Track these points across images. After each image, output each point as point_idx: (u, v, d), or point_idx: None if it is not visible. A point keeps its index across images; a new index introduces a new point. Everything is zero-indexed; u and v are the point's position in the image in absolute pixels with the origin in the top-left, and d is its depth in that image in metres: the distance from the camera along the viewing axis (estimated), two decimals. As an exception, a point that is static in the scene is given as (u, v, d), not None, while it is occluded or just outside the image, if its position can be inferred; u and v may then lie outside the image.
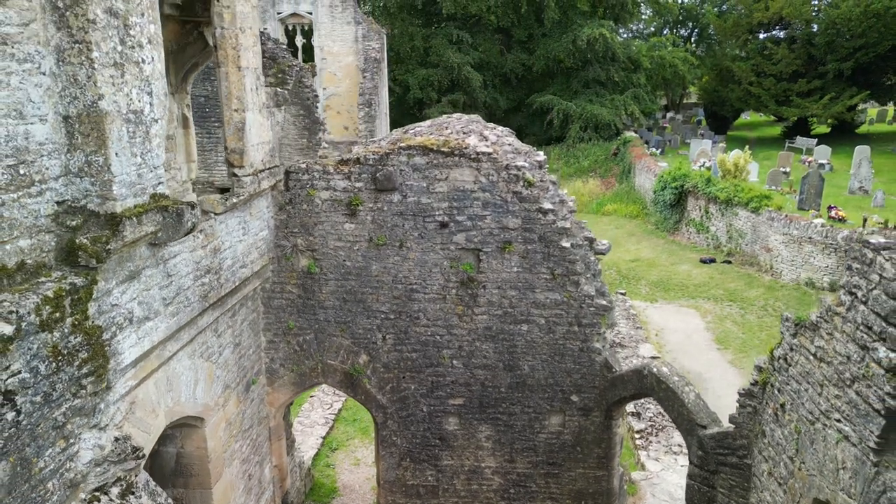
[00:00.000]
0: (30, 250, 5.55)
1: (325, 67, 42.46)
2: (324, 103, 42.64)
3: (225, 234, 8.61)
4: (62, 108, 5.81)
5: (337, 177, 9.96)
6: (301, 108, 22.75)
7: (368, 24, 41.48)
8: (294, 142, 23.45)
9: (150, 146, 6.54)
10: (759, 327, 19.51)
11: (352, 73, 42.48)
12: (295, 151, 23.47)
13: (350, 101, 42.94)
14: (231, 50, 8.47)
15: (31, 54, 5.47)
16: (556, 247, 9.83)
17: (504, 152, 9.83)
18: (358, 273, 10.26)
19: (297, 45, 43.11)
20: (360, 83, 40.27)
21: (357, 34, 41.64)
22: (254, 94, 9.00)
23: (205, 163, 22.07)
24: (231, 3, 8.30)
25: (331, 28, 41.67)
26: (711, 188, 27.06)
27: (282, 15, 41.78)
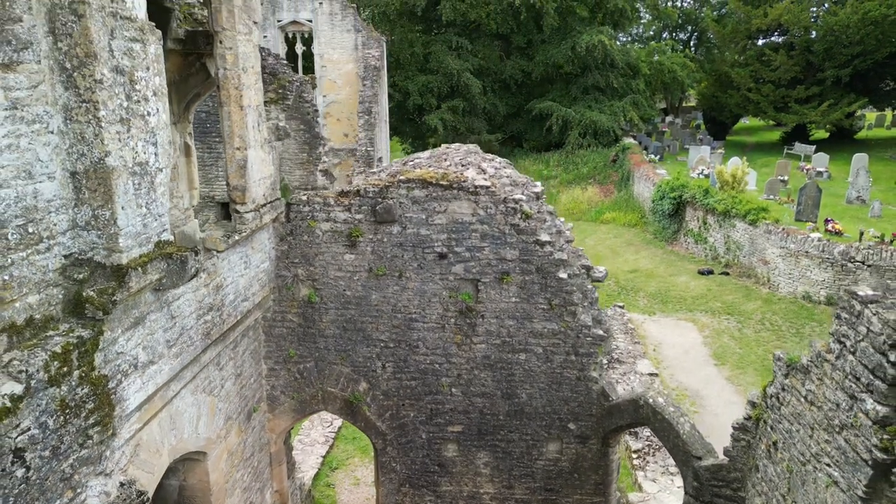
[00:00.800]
0: (38, 305, 5.68)
1: (325, 75, 42.61)
2: (324, 110, 42.84)
3: (227, 271, 8.76)
4: (69, 164, 5.95)
5: (337, 209, 10.11)
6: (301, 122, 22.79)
7: (368, 31, 41.62)
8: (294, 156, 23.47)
9: (154, 196, 6.68)
10: (756, 342, 19.65)
11: (352, 80, 42.62)
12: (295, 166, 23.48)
13: (350, 109, 43.10)
14: (234, 90, 8.61)
15: (40, 115, 5.61)
16: (554, 278, 9.97)
17: (502, 185, 9.97)
18: (358, 302, 10.40)
19: (297, 53, 43.30)
20: (360, 91, 40.41)
21: (357, 42, 41.79)
22: (255, 130, 9.15)
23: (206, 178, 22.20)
24: (233, 44, 8.44)
25: (331, 36, 41.82)
26: (709, 199, 27.21)
27: (282, 23, 41.94)
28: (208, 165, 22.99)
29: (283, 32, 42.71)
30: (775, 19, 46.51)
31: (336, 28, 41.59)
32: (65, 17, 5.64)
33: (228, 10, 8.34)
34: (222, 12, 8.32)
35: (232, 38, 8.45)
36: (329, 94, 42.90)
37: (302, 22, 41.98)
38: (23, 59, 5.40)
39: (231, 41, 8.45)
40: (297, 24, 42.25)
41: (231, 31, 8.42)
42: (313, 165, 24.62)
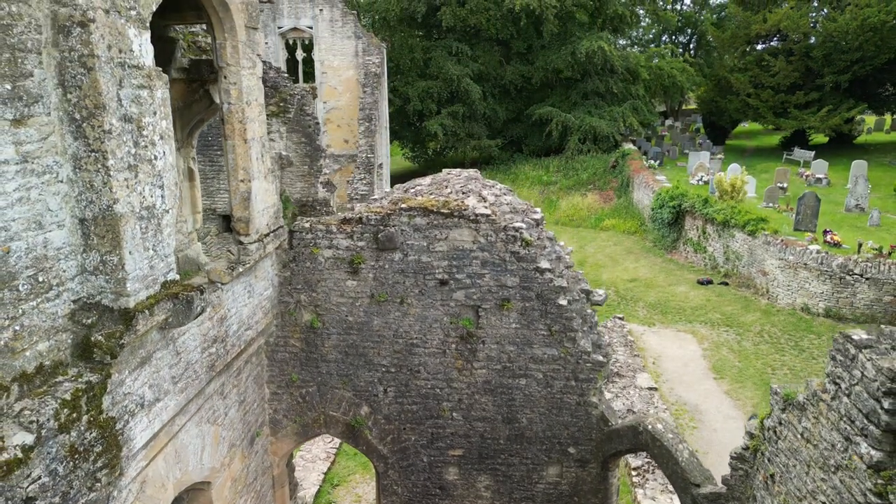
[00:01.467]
0: (48, 352, 5.79)
1: (326, 81, 42.73)
2: (324, 117, 42.98)
3: (231, 302, 8.86)
4: (78, 211, 6.06)
5: (340, 236, 10.22)
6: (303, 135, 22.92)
7: (368, 38, 41.71)
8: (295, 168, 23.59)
9: (161, 237, 6.79)
10: (755, 355, 19.76)
11: (352, 86, 42.73)
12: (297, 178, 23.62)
13: (350, 115, 43.20)
14: (238, 124, 8.72)
15: (50, 165, 5.72)
16: (554, 304, 10.07)
17: (502, 213, 10.08)
18: (360, 328, 10.51)
19: (298, 59, 43.42)
20: (361, 98, 40.52)
21: (357, 48, 41.90)
22: (259, 162, 9.25)
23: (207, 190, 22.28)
24: (237, 79, 8.55)
25: (331, 42, 41.93)
26: (708, 209, 27.31)
27: (282, 29, 42.06)
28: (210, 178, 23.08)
29: (284, 39, 42.85)
30: (775, 25, 46.62)
31: (336, 35, 41.71)
32: (74, 69, 5.75)
33: (233, 45, 8.44)
34: (227, 48, 8.42)
35: (236, 73, 8.56)
36: (329, 100, 43.02)
37: (302, 28, 42.11)
38: (33, 112, 5.51)
39: (235, 76, 8.56)
40: (298, 31, 42.37)
41: (235, 67, 8.52)
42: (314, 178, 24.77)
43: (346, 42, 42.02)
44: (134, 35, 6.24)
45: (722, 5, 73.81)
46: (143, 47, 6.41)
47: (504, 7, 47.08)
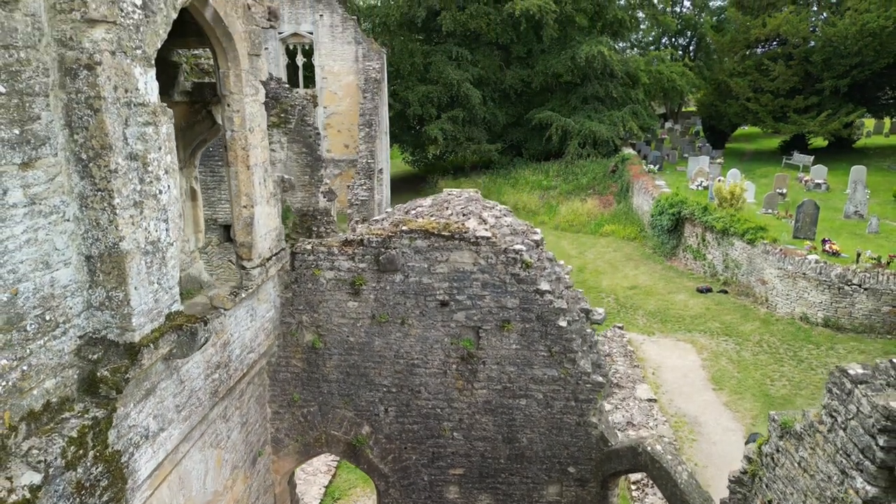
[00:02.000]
0: (54, 388, 5.88)
1: (326, 86, 42.83)
2: (324, 122, 43.09)
3: (234, 326, 8.95)
4: (84, 248, 6.14)
5: (341, 257, 10.30)
6: (303, 145, 23.02)
7: (368, 43, 41.81)
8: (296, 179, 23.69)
9: (166, 269, 6.87)
10: (754, 365, 19.85)
11: (352, 91, 42.82)
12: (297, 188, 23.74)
13: (350, 120, 43.29)
14: (241, 150, 8.80)
15: (57, 205, 5.80)
16: (554, 326, 10.16)
17: (502, 235, 10.17)
18: (361, 348, 10.59)
19: (298, 65, 43.49)
20: (361, 104, 40.58)
21: (357, 54, 41.98)
22: (262, 187, 9.33)
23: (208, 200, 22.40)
24: (240, 107, 8.63)
25: (331, 48, 42.00)
26: (708, 217, 27.40)
27: (283, 34, 42.13)
28: (211, 188, 23.20)
29: (285, 44, 42.96)
30: (774, 29, 46.70)
31: (336, 40, 41.78)
32: (81, 111, 5.83)
33: (236, 74, 8.52)
34: (230, 77, 8.50)
35: (239, 100, 8.64)
36: (330, 105, 43.12)
37: (303, 34, 42.19)
38: (41, 154, 5.59)
39: (238, 104, 8.64)
40: (298, 37, 42.46)
41: (238, 95, 8.60)
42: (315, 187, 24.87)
43: (346, 47, 42.11)
44: (139, 74, 6.33)
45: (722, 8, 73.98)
46: (149, 84, 6.49)
47: (504, 12, 47.15)
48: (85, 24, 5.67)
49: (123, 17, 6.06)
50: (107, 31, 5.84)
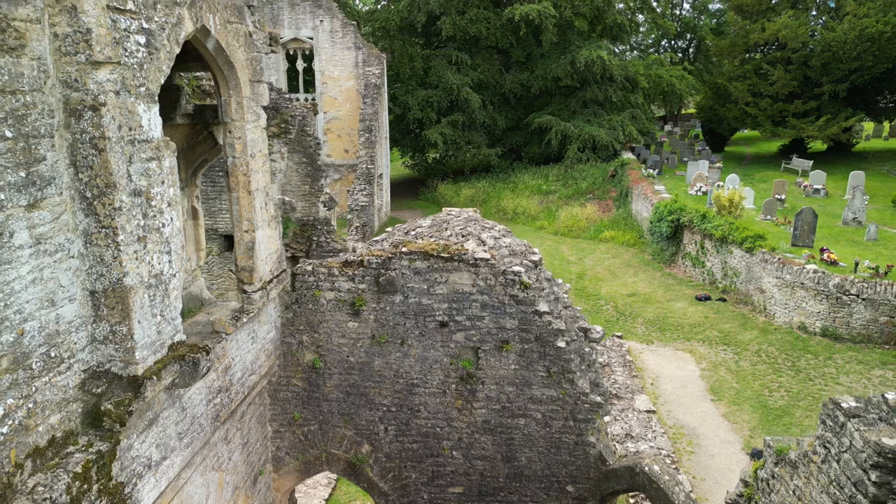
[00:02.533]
0: (59, 423, 5.97)
1: (326, 92, 42.93)
2: (324, 127, 43.19)
3: (235, 350, 9.04)
4: (89, 283, 6.23)
5: (341, 278, 10.39)
6: (304, 155, 23.16)
7: (368, 49, 41.89)
8: (296, 188, 23.84)
9: (168, 301, 6.96)
10: (752, 376, 19.93)
11: (352, 97, 42.92)
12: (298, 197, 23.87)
13: (350, 125, 43.39)
14: (242, 176, 8.89)
15: (62, 243, 5.89)
16: (552, 347, 10.25)
17: (501, 256, 10.26)
18: (361, 368, 10.69)
19: (298, 70, 43.56)
20: (361, 109, 40.68)
21: (357, 59, 42.08)
22: (263, 211, 9.42)
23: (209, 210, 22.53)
24: (242, 134, 8.72)
25: (331, 53, 42.10)
26: (707, 225, 27.49)
27: (283, 40, 42.23)
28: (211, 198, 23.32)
29: (285, 49, 43.04)
30: (773, 34, 46.80)
31: (337, 45, 41.88)
32: (86, 150, 5.92)
33: (237, 101, 8.61)
34: (231, 105, 8.59)
35: (241, 127, 8.73)
36: (330, 110, 43.23)
37: (303, 39, 42.31)
38: (46, 194, 5.68)
39: (240, 131, 8.73)
40: (298, 42, 42.58)
41: (240, 122, 8.69)
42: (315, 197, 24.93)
43: (346, 53, 42.21)
44: (143, 111, 6.41)
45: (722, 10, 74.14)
46: (152, 121, 6.58)
47: (503, 17, 47.26)
48: (90, 65, 5.76)
49: (127, 57, 6.15)
50: (111, 71, 5.93)
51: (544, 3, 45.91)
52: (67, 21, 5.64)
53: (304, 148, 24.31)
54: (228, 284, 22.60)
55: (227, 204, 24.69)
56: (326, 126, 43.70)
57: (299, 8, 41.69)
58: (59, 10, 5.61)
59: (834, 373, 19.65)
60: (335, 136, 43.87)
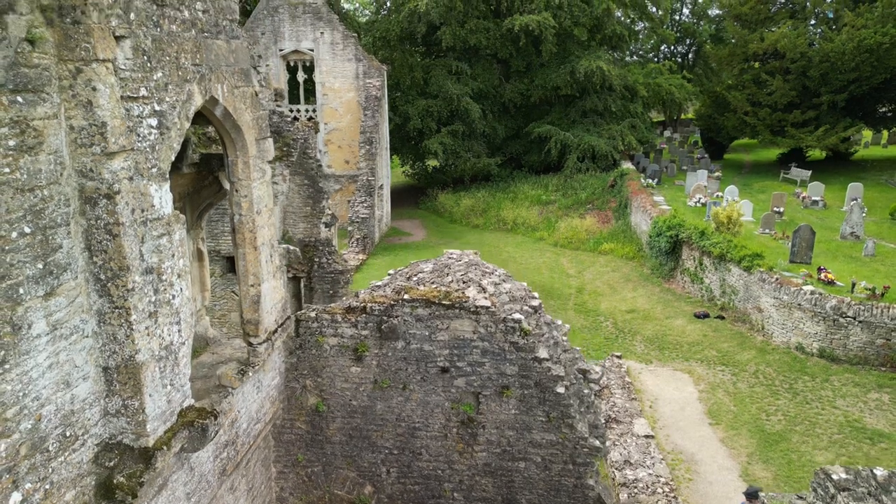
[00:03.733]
0: (73, 499, 6.17)
1: (327, 103, 43.13)
2: (325, 138, 43.39)
3: (241, 402, 9.24)
4: (102, 360, 6.44)
5: (344, 325, 10.59)
6: (305, 177, 23.38)
7: (369, 61, 42.09)
8: (298, 210, 24.07)
9: (178, 369, 7.16)
10: (749, 398, 20.14)
11: (353, 108, 43.11)
12: (299, 219, 24.12)
13: (351, 136, 43.60)
14: (248, 233, 9.08)
15: (77, 325, 6.10)
16: (552, 392, 10.45)
17: (501, 303, 10.46)
18: (364, 411, 10.89)
19: (299, 81, 43.76)
20: (362, 122, 40.89)
21: (358, 71, 42.27)
22: (268, 264, 9.62)
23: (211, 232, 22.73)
24: (248, 192, 8.92)
25: (332, 65, 42.30)
26: (705, 242, 27.69)
27: (283, 51, 42.44)
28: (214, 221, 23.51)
29: (286, 61, 43.23)
30: (772, 44, 46.98)
31: (337, 57, 42.07)
32: (100, 235, 6.12)
33: (244, 161, 8.81)
34: (238, 165, 8.79)
35: (247, 186, 8.93)
36: (330, 121, 43.44)
37: (303, 51, 42.51)
38: (62, 281, 5.88)
39: (246, 189, 8.93)
40: (299, 53, 42.78)
41: (246, 181, 8.89)
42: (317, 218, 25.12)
43: (346, 65, 42.41)
44: (155, 191, 6.62)
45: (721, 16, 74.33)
46: (163, 198, 6.78)
47: (503, 27, 47.46)
48: (104, 156, 5.96)
49: (140, 141, 6.35)
50: (125, 159, 6.14)
51: (544, 13, 46.11)
52: (83, 115, 5.84)
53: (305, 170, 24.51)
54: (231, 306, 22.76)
55: (229, 226, 24.81)
56: (327, 137, 43.91)
57: (300, 20, 41.88)
58: (76, 104, 5.81)
59: (831, 396, 19.86)
60: (336, 146, 44.08)
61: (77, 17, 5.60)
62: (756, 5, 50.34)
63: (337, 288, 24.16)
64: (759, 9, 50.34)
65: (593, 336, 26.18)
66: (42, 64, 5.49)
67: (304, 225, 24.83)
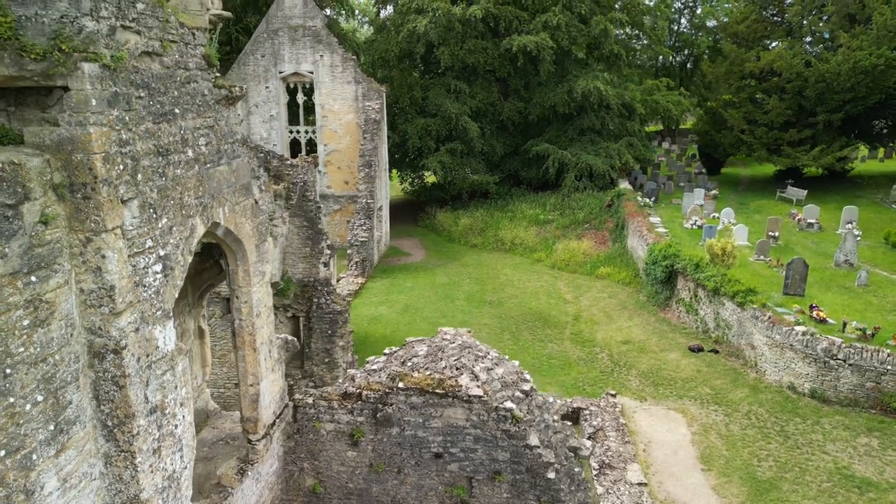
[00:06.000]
0: None
1: (326, 125, 43.47)
2: (325, 159, 43.74)
3: (240, 500, 9.58)
4: (108, 498, 6.78)
5: (340, 411, 10.94)
6: (305, 219, 23.72)
7: (368, 83, 42.43)
8: (297, 251, 24.42)
9: (180, 493, 7.50)
10: (742, 441, 20.49)
11: (352, 129, 43.46)
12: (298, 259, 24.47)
13: (350, 157, 43.96)
14: (248, 336, 9.42)
15: (86, 471, 6.44)
16: (542, 478, 10.80)
17: (493, 391, 10.80)
18: (360, 494, 11.23)
19: (299, 102, 44.09)
20: (361, 145, 41.23)
21: (357, 93, 42.62)
22: (267, 360, 9.96)
23: (212, 274, 23.06)
24: (248, 298, 9.25)
25: (331, 87, 42.63)
26: (700, 275, 28.03)
27: (283, 74, 42.78)
28: (214, 263, 23.84)
29: (286, 83, 43.55)
30: (768, 64, 47.30)
31: (337, 80, 42.41)
32: (107, 386, 6.46)
33: (244, 269, 9.14)
34: (238, 273, 9.12)
35: (247, 292, 9.26)
36: (330, 143, 43.78)
37: (303, 73, 42.84)
38: (72, 433, 6.22)
39: (246, 295, 9.26)
40: (299, 76, 43.12)
41: (246, 287, 9.23)
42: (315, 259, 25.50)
43: (346, 87, 42.75)
44: (159, 332, 6.95)
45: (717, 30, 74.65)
46: (168, 336, 7.12)
47: (501, 47, 47.79)
48: (112, 316, 6.29)
49: (145, 290, 6.69)
50: (131, 313, 6.47)
51: (542, 34, 46.42)
52: (93, 279, 6.17)
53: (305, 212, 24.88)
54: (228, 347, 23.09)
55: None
56: (327, 158, 44.26)
57: (300, 43, 42.21)
58: (85, 269, 6.15)
59: (821, 440, 20.21)
60: (335, 167, 44.43)
61: (87, 192, 5.93)
62: (752, 24, 50.68)
63: (335, 328, 24.49)
64: (755, 27, 50.69)
65: (589, 369, 26.54)
66: (54, 238, 5.82)
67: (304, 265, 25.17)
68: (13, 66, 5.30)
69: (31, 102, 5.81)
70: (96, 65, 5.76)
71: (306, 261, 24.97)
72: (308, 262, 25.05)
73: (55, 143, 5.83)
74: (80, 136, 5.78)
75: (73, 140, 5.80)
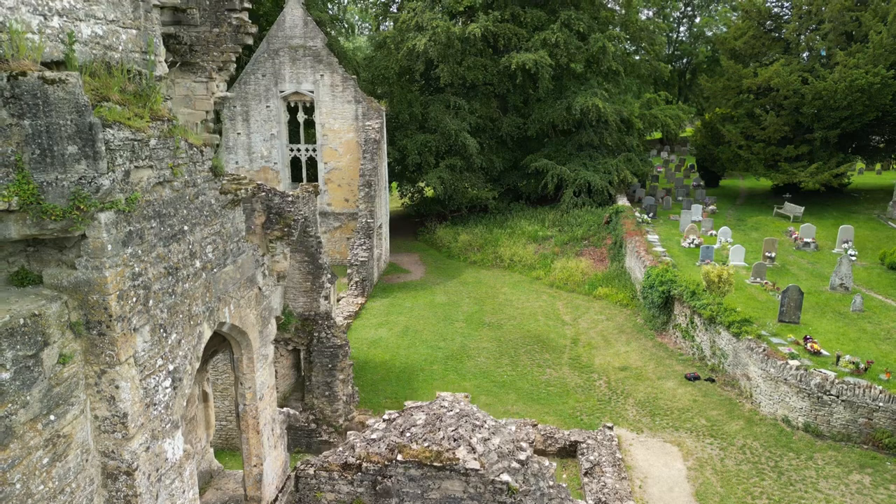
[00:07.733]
0: None
1: (327, 143, 43.79)
2: (325, 177, 44.06)
3: (247, 576, 9.92)
4: None
5: (341, 482, 11.26)
6: (305, 254, 24.10)
7: (368, 102, 42.75)
8: (298, 285, 24.78)
9: (189, 591, 7.83)
10: (736, 478, 20.82)
11: (352, 148, 43.78)
12: (299, 293, 24.83)
13: (350, 175, 44.28)
14: (251, 419, 9.74)
15: (99, 586, 6.75)
16: (537, 546, 11.12)
17: (490, 463, 11.13)
18: (362, 559, 11.55)
19: (300, 121, 44.41)
20: (361, 164, 41.54)
21: (357, 112, 42.93)
22: (269, 440, 10.28)
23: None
24: (252, 383, 9.57)
25: (332, 106, 42.94)
26: (696, 302, 28.35)
27: (284, 93, 43.08)
28: (217, 299, 24.16)
29: (286, 102, 43.84)
30: (765, 81, 47.64)
31: (337, 99, 42.72)
32: (120, 505, 6.78)
33: (248, 357, 9.46)
34: (243, 361, 9.44)
35: (251, 378, 9.58)
36: (330, 161, 44.09)
37: (304, 93, 43.15)
38: (87, 554, 6.54)
39: (250, 381, 9.58)
40: (299, 95, 43.41)
41: (250, 374, 9.55)
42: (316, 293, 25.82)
43: (346, 106, 43.07)
44: (168, 444, 7.28)
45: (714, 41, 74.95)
46: (176, 446, 7.44)
47: (500, 64, 48.10)
48: (125, 440, 6.61)
49: (156, 407, 7.00)
50: (143, 433, 6.79)
51: (540, 52, 46.72)
52: (107, 407, 6.49)
53: (306, 248, 25.23)
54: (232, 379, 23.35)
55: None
56: (327, 176, 44.59)
57: (300, 63, 42.52)
58: (100, 398, 6.47)
59: (814, 476, 20.55)
60: (335, 185, 44.76)
61: (102, 329, 6.25)
62: (750, 40, 51.02)
63: (336, 362, 24.86)
64: (752, 44, 51.02)
65: (587, 398, 26.86)
66: (71, 374, 6.14)
67: (304, 299, 25.54)
68: (35, 226, 5.61)
69: (49, 244, 6.12)
70: (111, 212, 6.07)
71: (307, 295, 25.34)
72: (309, 296, 25.42)
73: (72, 284, 6.14)
74: (96, 280, 6.09)
75: (89, 283, 6.11)
